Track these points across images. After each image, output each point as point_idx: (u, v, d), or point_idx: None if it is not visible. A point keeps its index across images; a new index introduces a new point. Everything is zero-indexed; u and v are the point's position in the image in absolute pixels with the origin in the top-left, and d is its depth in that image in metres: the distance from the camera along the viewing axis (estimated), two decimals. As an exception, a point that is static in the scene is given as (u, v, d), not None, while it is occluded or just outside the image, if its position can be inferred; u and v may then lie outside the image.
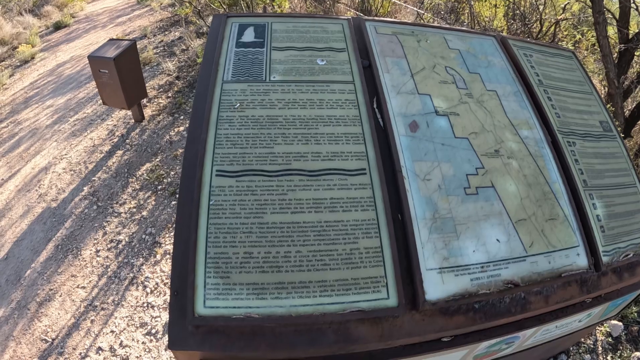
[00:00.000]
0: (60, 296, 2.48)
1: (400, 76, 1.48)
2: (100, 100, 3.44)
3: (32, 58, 5.43)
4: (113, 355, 2.21)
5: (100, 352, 2.22)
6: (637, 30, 3.32)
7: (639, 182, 1.63)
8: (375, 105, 1.40)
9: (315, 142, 1.29)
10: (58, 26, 6.69)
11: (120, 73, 3.06)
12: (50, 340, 2.29)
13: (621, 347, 2.18)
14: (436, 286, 1.14)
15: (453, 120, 1.41)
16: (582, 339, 2.21)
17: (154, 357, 2.20)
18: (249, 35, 1.59)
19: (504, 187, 1.33)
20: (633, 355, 2.13)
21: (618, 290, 1.47)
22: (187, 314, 1.00)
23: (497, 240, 1.25)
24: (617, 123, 3.34)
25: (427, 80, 1.49)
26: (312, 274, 1.03)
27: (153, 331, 2.26)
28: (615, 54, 3.35)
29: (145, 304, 2.38)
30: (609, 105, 3.43)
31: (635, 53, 3.30)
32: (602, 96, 3.55)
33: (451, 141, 1.36)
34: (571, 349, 2.16)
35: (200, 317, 0.99)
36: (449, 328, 1.15)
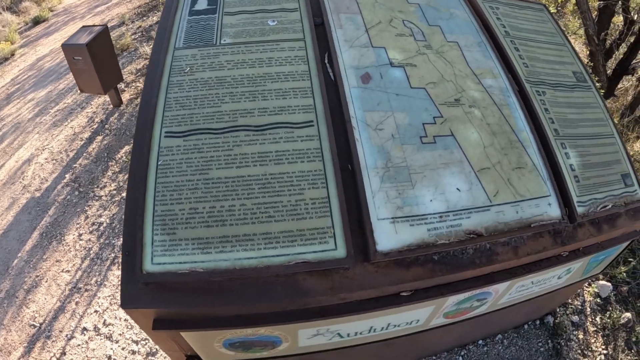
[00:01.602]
0: (46, 282, 2.45)
1: (354, 31, 1.38)
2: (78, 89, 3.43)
3: (12, 55, 5.35)
4: (97, 335, 2.17)
5: (85, 332, 2.19)
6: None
7: (616, 131, 1.51)
8: (326, 60, 1.31)
9: (263, 99, 1.22)
10: (37, 21, 6.56)
11: (94, 58, 3.02)
12: (38, 325, 2.26)
13: (610, 308, 2.03)
14: (389, 236, 1.04)
15: (409, 71, 1.31)
16: (570, 300, 2.06)
17: (136, 333, 2.16)
18: (202, 3, 1.53)
19: (465, 135, 1.23)
20: (623, 315, 1.98)
21: (598, 244, 1.35)
22: (135, 271, 0.96)
23: (458, 189, 1.14)
24: (597, 79, 3.17)
25: (383, 33, 1.40)
26: (256, 227, 0.99)
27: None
28: (595, 12, 3.20)
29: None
30: (588, 62, 3.28)
31: (616, 9, 3.15)
32: (586, 55, 3.39)
33: (407, 91, 1.26)
34: (558, 310, 2.02)
35: (148, 274, 0.95)
36: (407, 280, 1.05)
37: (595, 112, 1.51)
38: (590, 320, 2.00)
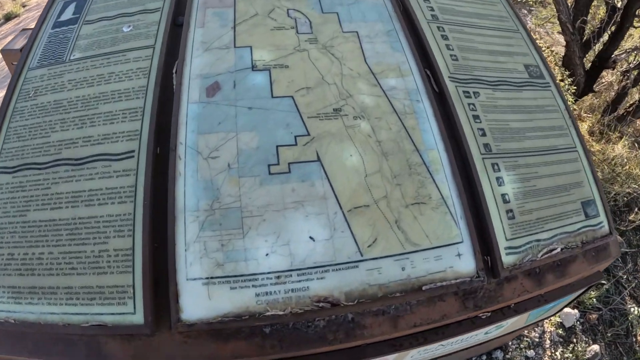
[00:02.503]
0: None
1: (217, 29, 1.08)
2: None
3: None
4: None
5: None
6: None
7: (580, 143, 1.09)
8: (175, 70, 1.02)
9: (91, 124, 0.98)
10: (8, 17, 6.20)
11: (31, 63, 2.91)
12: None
13: (575, 340, 1.57)
14: (199, 302, 0.76)
15: (276, 74, 0.99)
16: (525, 331, 1.63)
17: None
18: (68, 13, 1.29)
19: (337, 159, 0.89)
20: (590, 349, 1.52)
21: (540, 297, 0.96)
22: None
23: (311, 237, 0.82)
24: (569, 73, 2.62)
25: (255, 29, 1.08)
26: (60, 279, 0.85)
27: None
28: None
29: None
30: (556, 54, 2.71)
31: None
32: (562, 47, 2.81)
33: (265, 102, 0.94)
34: (510, 344, 1.60)
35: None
36: (224, 357, 0.75)
37: (552, 118, 1.11)
38: (550, 355, 1.56)
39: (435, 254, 0.86)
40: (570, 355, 1.56)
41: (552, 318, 1.66)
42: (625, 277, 1.83)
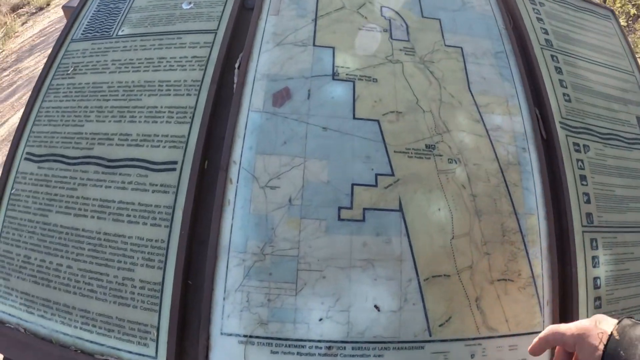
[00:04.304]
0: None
1: (295, 19, 0.86)
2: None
3: (48, 5, 5.01)
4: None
5: None
6: None
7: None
8: (237, 65, 0.82)
9: (130, 119, 0.81)
10: None
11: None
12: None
13: None
14: None
15: (362, 88, 0.79)
16: None
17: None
18: None
19: (423, 212, 0.71)
20: None
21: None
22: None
23: (376, 306, 0.66)
24: None
25: (339, 25, 0.86)
26: (77, 299, 0.73)
27: None
28: None
29: None
30: None
31: None
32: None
33: (344, 124, 0.75)
34: None
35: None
36: None
37: (667, 190, 0.91)
38: None
39: (511, 342, 0.70)
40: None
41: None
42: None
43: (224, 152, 0.72)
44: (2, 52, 4.21)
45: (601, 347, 0.42)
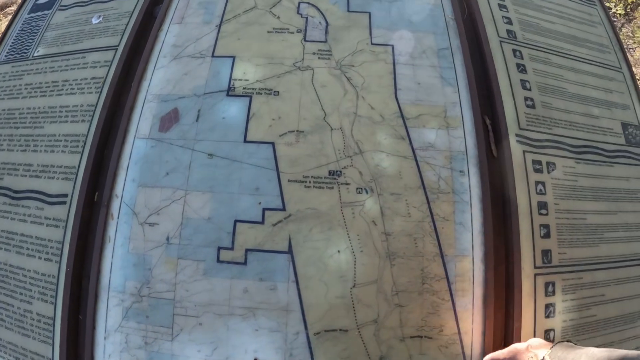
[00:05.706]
0: None
1: (199, 27, 0.74)
2: None
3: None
4: None
5: None
6: None
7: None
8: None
9: (33, 149, 0.76)
10: None
11: None
12: None
13: None
14: None
15: (259, 104, 0.66)
16: None
17: None
18: None
19: (318, 255, 0.59)
20: None
21: None
22: None
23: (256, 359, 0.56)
24: None
25: (247, 29, 0.73)
26: None
27: None
28: None
29: None
30: None
31: None
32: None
33: (232, 148, 0.64)
34: None
35: None
36: None
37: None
38: None
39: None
40: None
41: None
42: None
43: (106, 185, 0.65)
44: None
45: None
